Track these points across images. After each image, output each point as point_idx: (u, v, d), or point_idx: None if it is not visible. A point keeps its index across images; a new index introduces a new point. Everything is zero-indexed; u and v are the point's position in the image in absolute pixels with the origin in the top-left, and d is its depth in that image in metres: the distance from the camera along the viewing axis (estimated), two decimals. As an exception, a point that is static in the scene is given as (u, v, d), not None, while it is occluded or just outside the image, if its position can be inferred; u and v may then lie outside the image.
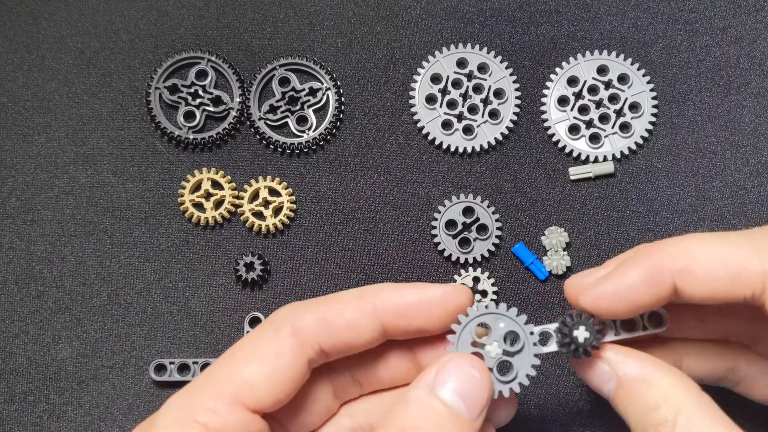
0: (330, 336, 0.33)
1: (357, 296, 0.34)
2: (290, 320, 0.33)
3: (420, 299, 0.34)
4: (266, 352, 0.32)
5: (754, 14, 0.53)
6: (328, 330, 0.33)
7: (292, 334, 0.33)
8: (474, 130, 0.52)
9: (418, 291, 0.34)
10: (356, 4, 0.54)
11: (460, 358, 0.32)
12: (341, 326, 0.34)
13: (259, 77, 0.52)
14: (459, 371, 0.32)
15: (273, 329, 0.33)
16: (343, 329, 0.34)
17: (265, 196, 0.51)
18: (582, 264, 0.50)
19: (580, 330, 0.34)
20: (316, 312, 0.34)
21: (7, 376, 0.49)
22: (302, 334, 0.33)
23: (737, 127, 0.52)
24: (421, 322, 0.34)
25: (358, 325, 0.34)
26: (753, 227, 0.50)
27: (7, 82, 0.53)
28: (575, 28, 0.54)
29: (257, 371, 0.32)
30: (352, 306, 0.34)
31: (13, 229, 0.51)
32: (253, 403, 0.32)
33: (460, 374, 0.32)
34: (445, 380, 0.31)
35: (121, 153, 0.52)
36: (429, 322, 0.34)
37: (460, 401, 0.31)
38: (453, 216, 0.51)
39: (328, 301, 0.34)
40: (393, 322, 0.34)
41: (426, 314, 0.34)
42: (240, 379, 0.32)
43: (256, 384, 0.32)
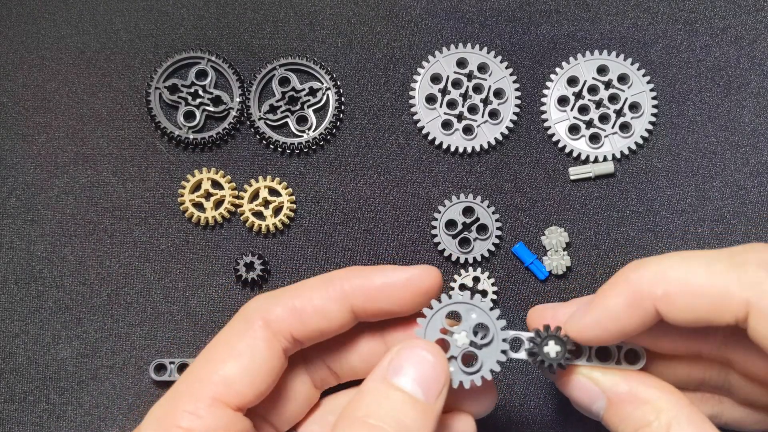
0: (301, 324, 0.34)
1: (325, 282, 0.34)
2: (260, 313, 0.34)
3: (386, 282, 0.34)
4: (241, 348, 0.33)
5: (754, 14, 0.53)
6: (298, 318, 0.33)
7: (264, 327, 0.33)
8: (474, 130, 0.52)
9: (385, 274, 0.34)
10: (356, 4, 0.54)
11: (412, 343, 0.32)
12: (310, 313, 0.34)
13: (259, 77, 0.52)
14: (411, 356, 0.32)
15: (244, 323, 0.33)
16: (312, 316, 0.34)
17: (265, 196, 0.51)
18: (582, 264, 0.50)
19: (551, 345, 0.34)
20: (285, 301, 0.34)
21: (7, 376, 0.49)
22: (273, 325, 0.33)
23: (737, 127, 0.52)
24: (390, 305, 0.34)
25: (327, 311, 0.34)
26: (753, 227, 0.50)
27: (7, 82, 0.53)
28: (575, 28, 0.54)
29: (234, 368, 0.32)
30: (320, 292, 0.34)
31: (13, 229, 0.51)
32: (234, 401, 0.32)
33: (413, 359, 0.32)
34: (399, 366, 0.32)
35: (121, 153, 0.52)
36: (397, 304, 0.34)
37: (416, 385, 0.31)
38: (453, 216, 0.51)
39: (296, 289, 0.34)
40: (362, 305, 0.34)
41: (394, 297, 0.34)
42: (218, 378, 0.32)
43: (235, 381, 0.32)
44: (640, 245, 0.51)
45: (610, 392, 0.33)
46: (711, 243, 0.50)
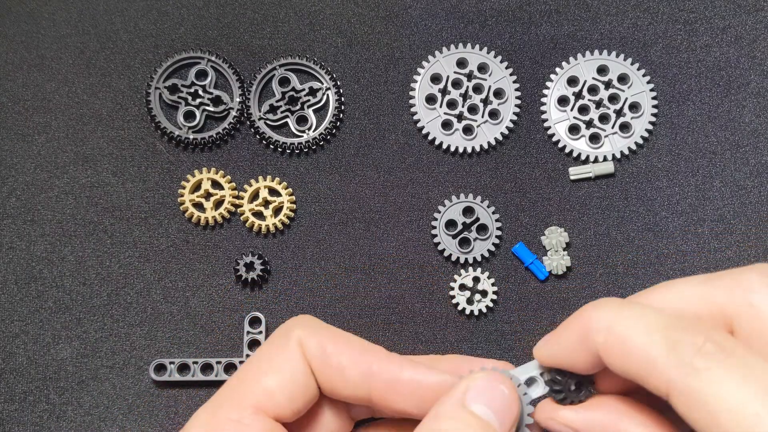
0: (322, 368, 0.33)
1: (360, 349, 0.33)
2: (299, 332, 0.34)
3: (414, 378, 0.33)
4: (280, 362, 0.33)
5: (754, 14, 0.53)
6: (323, 362, 0.33)
7: (299, 346, 0.33)
8: (474, 130, 0.52)
9: (417, 372, 0.33)
10: (356, 4, 0.54)
11: (489, 374, 0.32)
12: (333, 365, 0.33)
13: (259, 77, 0.52)
14: (490, 386, 0.32)
15: (285, 338, 0.34)
16: (333, 370, 0.33)
17: (265, 196, 0.51)
18: (582, 264, 0.50)
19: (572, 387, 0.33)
20: (320, 338, 0.33)
21: (7, 376, 0.49)
22: (304, 350, 0.33)
23: (737, 127, 0.52)
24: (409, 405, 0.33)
25: (348, 376, 0.33)
26: (753, 227, 0.50)
27: (7, 82, 0.53)
28: (575, 28, 0.54)
29: (275, 380, 0.32)
30: (352, 355, 0.33)
31: (13, 229, 0.51)
32: (274, 412, 0.32)
33: (491, 389, 0.32)
34: (477, 395, 0.31)
35: (121, 153, 0.52)
36: (417, 405, 0.33)
37: (492, 414, 0.31)
38: (453, 216, 0.51)
39: (335, 336, 0.34)
40: (382, 392, 0.33)
41: (417, 397, 0.33)
42: (259, 389, 0.32)
43: (275, 393, 0.32)
44: (640, 245, 0.51)
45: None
46: (711, 243, 0.50)
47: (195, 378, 0.48)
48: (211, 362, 0.48)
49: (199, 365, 0.48)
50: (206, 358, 0.49)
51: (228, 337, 0.50)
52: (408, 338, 0.50)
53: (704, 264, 0.50)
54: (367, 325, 0.50)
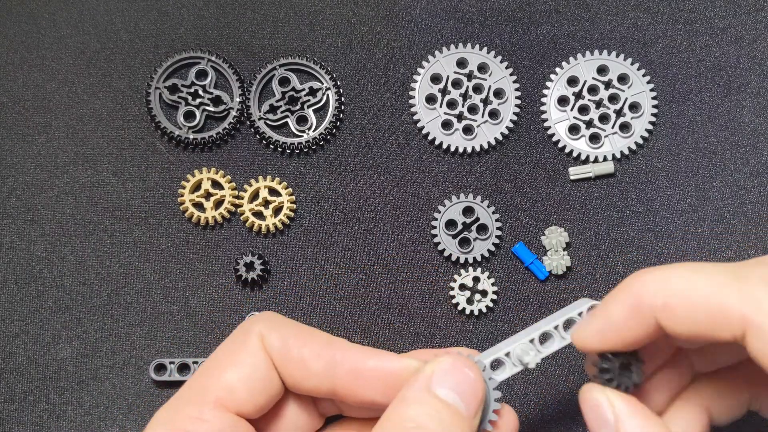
0: (283, 361, 0.33)
1: (323, 342, 0.33)
2: (259, 326, 0.33)
3: (378, 366, 0.33)
4: (241, 358, 0.33)
5: (754, 14, 0.53)
6: (284, 355, 0.33)
7: (259, 340, 0.33)
8: (474, 130, 0.52)
9: (381, 359, 0.33)
10: (356, 4, 0.54)
11: (453, 359, 0.32)
12: (294, 358, 0.33)
13: (259, 77, 0.52)
14: (454, 370, 0.32)
15: (244, 333, 0.33)
16: (295, 362, 0.33)
17: (265, 196, 0.51)
18: (582, 264, 0.50)
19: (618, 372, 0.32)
20: (282, 332, 0.33)
21: (7, 376, 0.49)
22: (265, 344, 0.33)
23: (737, 127, 0.52)
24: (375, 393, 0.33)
25: (310, 368, 0.33)
26: (753, 227, 0.50)
27: (7, 82, 0.53)
28: (575, 28, 0.54)
29: (235, 376, 0.32)
30: (313, 347, 0.33)
31: (13, 229, 0.51)
32: (236, 407, 0.32)
33: (455, 373, 0.32)
34: (442, 379, 0.31)
35: (121, 153, 0.52)
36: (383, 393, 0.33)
37: (458, 398, 0.31)
38: (453, 216, 0.51)
39: (298, 329, 0.34)
40: (346, 381, 0.33)
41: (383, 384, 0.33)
42: (220, 384, 0.32)
43: (236, 388, 0.32)
44: (640, 245, 0.51)
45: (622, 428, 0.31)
46: (711, 243, 0.50)
47: (192, 376, 0.48)
48: (211, 362, 0.48)
49: (199, 365, 0.48)
50: (206, 358, 0.49)
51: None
52: (408, 338, 0.50)
53: (704, 264, 0.50)
54: (367, 325, 0.50)
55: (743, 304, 0.27)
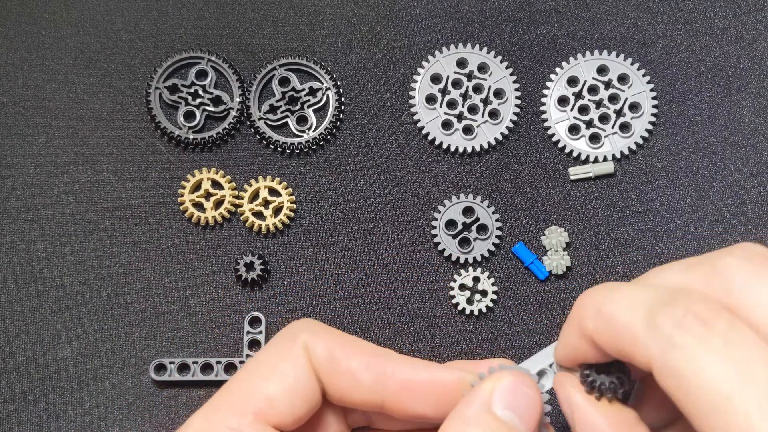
0: (330, 374, 0.32)
1: (371, 352, 0.32)
2: (304, 336, 0.32)
3: (429, 378, 0.32)
4: (284, 368, 0.31)
5: (754, 14, 0.53)
6: (332, 367, 0.32)
7: (304, 350, 0.32)
8: (474, 130, 0.52)
9: (431, 371, 0.32)
10: (356, 4, 0.54)
11: (513, 375, 0.31)
12: (343, 370, 0.32)
13: (259, 77, 0.52)
14: (516, 390, 0.31)
15: (289, 344, 0.32)
16: (343, 375, 0.32)
17: (265, 196, 0.51)
18: (582, 264, 0.50)
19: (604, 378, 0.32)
20: (328, 341, 0.32)
21: (7, 376, 0.49)
22: (310, 355, 0.32)
23: (737, 127, 0.52)
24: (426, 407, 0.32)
25: (359, 380, 0.32)
26: (753, 227, 0.50)
27: (7, 82, 0.53)
28: (575, 28, 0.54)
29: (277, 387, 0.31)
30: (362, 358, 0.32)
31: (13, 229, 0.51)
32: (275, 420, 0.31)
33: (514, 391, 0.31)
34: (502, 398, 0.30)
35: (121, 153, 0.52)
36: (434, 407, 0.32)
37: (517, 419, 0.30)
38: (453, 216, 0.51)
39: (344, 340, 0.33)
40: (397, 394, 0.32)
41: (434, 398, 0.32)
42: (260, 395, 0.31)
43: (277, 400, 0.31)
44: (640, 245, 0.51)
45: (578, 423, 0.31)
46: (711, 243, 0.50)
47: (195, 378, 0.48)
48: (211, 362, 0.48)
49: (199, 365, 0.48)
50: (206, 358, 0.49)
51: (228, 337, 0.49)
52: (408, 338, 0.50)
53: (704, 264, 0.50)
54: (367, 325, 0.50)
55: (648, 343, 0.27)
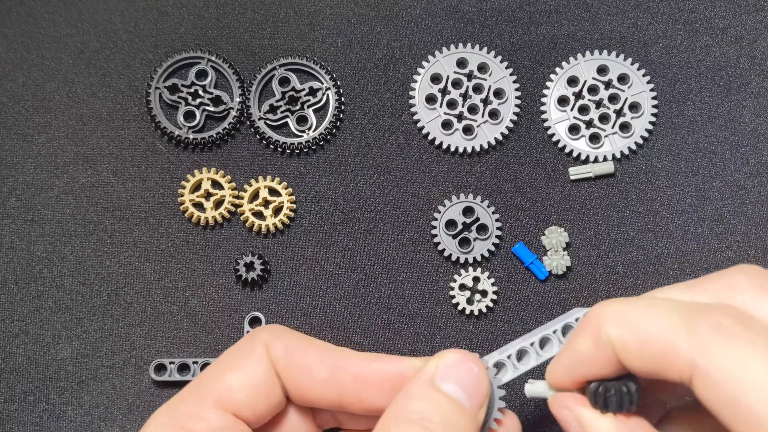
0: (288, 370, 0.33)
1: (327, 349, 0.34)
2: (265, 336, 0.34)
3: (381, 368, 0.33)
4: (244, 362, 0.33)
5: (754, 14, 0.53)
6: (288, 363, 0.33)
7: (264, 348, 0.33)
8: (474, 130, 0.52)
9: (383, 361, 0.33)
10: (356, 4, 0.54)
11: (457, 353, 0.32)
12: (298, 365, 0.33)
13: (259, 77, 0.52)
14: (459, 365, 0.32)
15: (250, 342, 0.34)
16: (299, 370, 0.33)
17: (265, 196, 0.51)
18: (582, 264, 0.50)
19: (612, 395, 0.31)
20: (286, 340, 0.34)
21: (7, 376, 0.49)
22: (270, 353, 0.33)
23: (737, 127, 0.52)
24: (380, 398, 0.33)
25: (314, 375, 0.33)
26: (753, 227, 0.50)
27: (7, 82, 0.53)
28: (575, 28, 0.54)
29: (236, 378, 0.32)
30: (317, 354, 0.33)
31: (13, 229, 0.51)
32: (234, 409, 0.32)
33: (460, 368, 0.32)
34: (446, 373, 0.31)
35: (121, 153, 0.52)
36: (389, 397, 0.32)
37: (462, 393, 0.31)
38: (453, 216, 0.51)
39: (302, 339, 0.34)
40: (351, 387, 0.33)
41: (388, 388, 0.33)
42: (220, 385, 0.32)
43: (236, 389, 0.32)
44: (640, 245, 0.51)
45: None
46: (711, 243, 0.51)
47: (195, 378, 0.48)
48: (211, 362, 0.48)
49: (199, 365, 0.48)
50: (206, 358, 0.49)
51: (228, 337, 0.49)
52: (408, 338, 0.50)
53: (704, 264, 0.50)
54: (367, 325, 0.50)
55: (692, 349, 0.27)
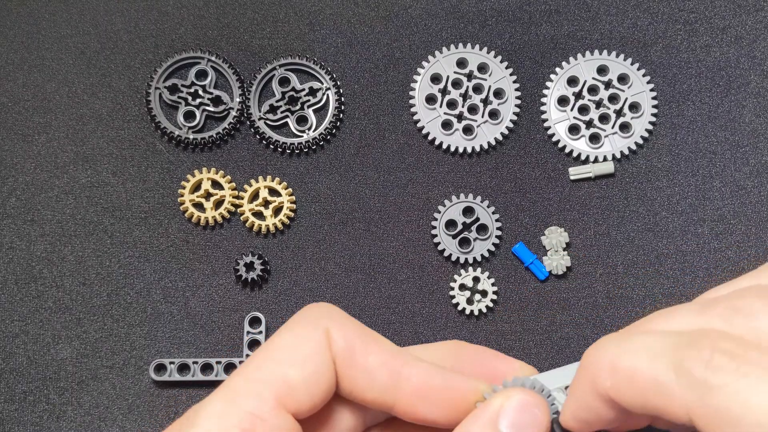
0: (346, 366, 0.31)
1: (390, 352, 0.31)
2: (326, 321, 0.31)
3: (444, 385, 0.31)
4: (305, 353, 0.30)
5: (754, 14, 0.53)
6: (349, 359, 0.31)
7: (325, 336, 0.31)
8: (474, 130, 0.52)
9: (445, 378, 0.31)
10: (356, 4, 0.54)
11: (522, 393, 0.30)
12: (359, 365, 0.31)
13: (259, 77, 0.52)
14: (523, 410, 0.30)
15: (311, 328, 0.31)
16: (359, 370, 0.31)
17: (265, 196, 0.51)
18: (582, 264, 0.50)
19: None
20: (348, 332, 0.31)
21: (7, 376, 0.49)
22: (329, 342, 0.31)
23: (737, 127, 0.52)
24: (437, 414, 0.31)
25: (375, 379, 0.31)
26: (753, 227, 0.50)
27: (7, 82, 0.53)
28: (575, 28, 0.54)
29: (297, 373, 0.30)
30: (382, 356, 0.31)
31: (13, 229, 0.51)
32: (293, 407, 0.30)
33: (523, 413, 0.30)
34: (509, 418, 0.30)
35: (121, 153, 0.52)
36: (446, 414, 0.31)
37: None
38: (453, 216, 0.51)
39: (365, 334, 0.32)
40: (409, 398, 0.31)
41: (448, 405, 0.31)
42: (281, 380, 0.30)
43: (297, 386, 0.30)
44: (640, 245, 0.51)
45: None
46: (711, 243, 0.50)
47: (195, 378, 0.48)
48: (211, 362, 0.48)
49: (199, 365, 0.48)
50: (206, 358, 0.49)
51: (228, 337, 0.49)
52: (408, 338, 0.50)
53: (704, 264, 0.50)
54: (367, 325, 0.50)
55: (684, 395, 0.26)
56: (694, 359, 0.25)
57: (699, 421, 0.25)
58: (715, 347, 0.25)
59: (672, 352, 0.26)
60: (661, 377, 0.26)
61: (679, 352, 0.26)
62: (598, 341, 0.29)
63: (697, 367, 0.25)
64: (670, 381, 0.26)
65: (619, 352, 0.28)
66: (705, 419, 0.25)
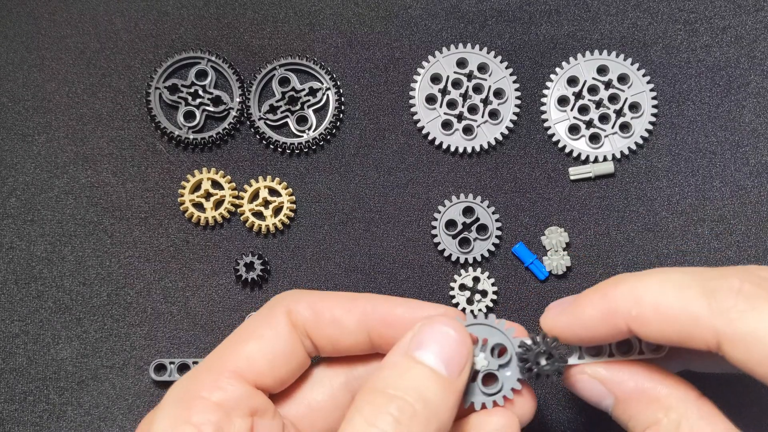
0: (317, 327, 0.34)
1: (349, 297, 0.35)
2: (285, 302, 0.34)
3: (407, 315, 0.34)
4: (262, 331, 0.33)
5: (754, 14, 0.53)
6: (316, 320, 0.34)
7: (286, 315, 0.34)
8: (474, 130, 0.52)
9: (409, 307, 0.35)
10: (356, 4, 0.54)
11: (435, 319, 0.32)
12: (328, 320, 0.34)
13: (259, 77, 0.52)
14: (434, 332, 0.32)
15: (268, 310, 0.34)
16: (329, 324, 0.34)
17: (265, 196, 0.51)
18: (582, 264, 0.50)
19: (541, 359, 0.33)
20: (308, 299, 0.34)
21: (7, 376, 0.49)
22: (293, 318, 0.34)
23: (737, 127, 0.52)
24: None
25: (344, 324, 0.34)
26: (753, 227, 0.50)
27: (7, 82, 0.53)
28: (575, 28, 0.54)
29: (255, 347, 0.33)
30: (343, 304, 0.34)
31: (13, 229, 0.51)
32: (254, 379, 0.32)
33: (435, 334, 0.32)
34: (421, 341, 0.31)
35: (121, 153, 0.52)
36: None
37: (438, 360, 0.31)
38: (453, 216, 0.51)
39: (323, 295, 0.35)
40: (378, 332, 0.34)
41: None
42: (239, 355, 0.32)
43: (255, 359, 0.32)
44: (640, 245, 0.51)
45: (617, 390, 0.33)
46: (711, 243, 0.50)
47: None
48: (211, 362, 0.48)
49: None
50: (206, 358, 0.49)
51: (228, 337, 0.50)
52: (408, 338, 0.50)
53: (704, 264, 0.50)
54: (367, 325, 0.50)
55: (713, 318, 0.28)
56: (725, 289, 0.28)
57: (728, 345, 0.27)
58: (744, 278, 0.27)
59: (702, 283, 0.28)
60: (691, 306, 0.28)
61: (710, 283, 0.28)
62: (616, 277, 0.31)
63: (727, 295, 0.27)
64: (700, 308, 0.28)
65: (643, 285, 0.30)
66: (733, 343, 0.27)
